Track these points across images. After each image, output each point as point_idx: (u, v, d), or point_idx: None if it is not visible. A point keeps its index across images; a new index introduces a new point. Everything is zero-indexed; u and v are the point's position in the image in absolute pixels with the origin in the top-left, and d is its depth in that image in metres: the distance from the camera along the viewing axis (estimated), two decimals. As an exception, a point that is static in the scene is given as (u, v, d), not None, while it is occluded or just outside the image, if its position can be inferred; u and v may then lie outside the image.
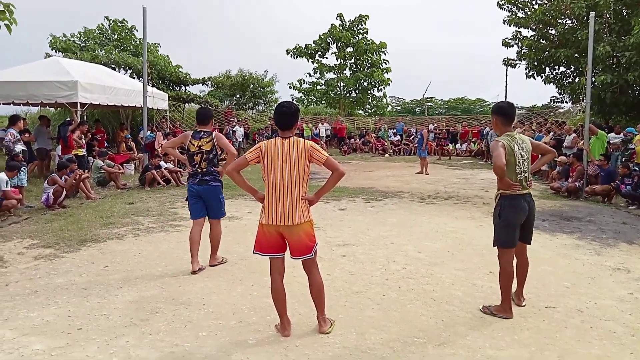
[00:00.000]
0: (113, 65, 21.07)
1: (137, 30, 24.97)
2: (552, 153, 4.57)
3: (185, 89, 25.14)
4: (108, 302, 4.47)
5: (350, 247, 6.40)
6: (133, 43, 24.58)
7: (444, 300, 4.57)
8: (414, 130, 24.86)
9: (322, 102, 30.70)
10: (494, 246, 4.33)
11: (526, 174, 4.19)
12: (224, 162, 5.58)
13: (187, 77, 24.72)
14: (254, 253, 3.85)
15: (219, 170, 5.47)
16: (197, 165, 5.37)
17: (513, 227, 4.17)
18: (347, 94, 29.76)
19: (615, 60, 15.58)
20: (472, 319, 4.15)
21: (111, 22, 24.64)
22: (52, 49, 21.91)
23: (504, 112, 4.21)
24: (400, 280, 5.12)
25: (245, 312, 4.26)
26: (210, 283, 4.99)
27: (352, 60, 29.26)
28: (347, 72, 29.59)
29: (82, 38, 23.58)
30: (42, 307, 4.33)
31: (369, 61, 28.95)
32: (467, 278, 5.21)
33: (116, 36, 24.73)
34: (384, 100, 31.45)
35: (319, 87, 30.04)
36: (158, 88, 19.15)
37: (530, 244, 4.41)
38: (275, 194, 3.68)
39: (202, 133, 5.40)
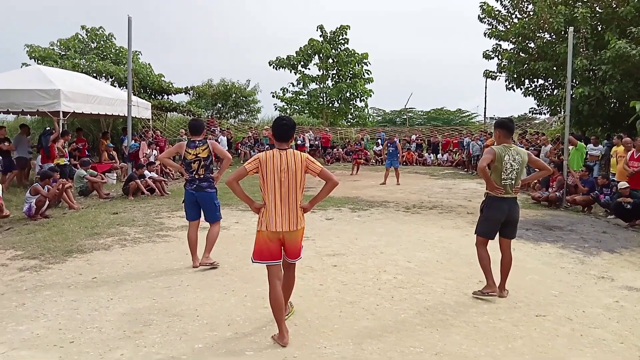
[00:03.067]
0: (94, 74, 20.81)
1: (114, 38, 24.71)
2: (547, 170, 5.25)
3: (168, 98, 24.94)
4: (99, 314, 4.40)
5: (340, 257, 6.43)
6: (113, 51, 24.29)
7: (437, 309, 4.62)
8: (397, 140, 25.13)
9: (305, 112, 30.78)
10: (474, 234, 5.07)
11: (512, 182, 4.81)
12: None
13: (170, 86, 24.53)
14: (253, 262, 3.94)
15: (214, 177, 5.81)
16: (194, 172, 5.70)
17: (491, 222, 4.91)
18: (330, 104, 29.91)
19: (591, 73, 16.01)
20: (465, 327, 4.21)
21: (88, 31, 24.31)
22: (30, 58, 21.52)
23: (505, 126, 4.95)
24: (393, 289, 5.16)
25: (241, 323, 4.24)
26: (202, 294, 4.95)
27: (335, 71, 29.46)
28: (330, 83, 29.76)
29: (61, 47, 23.21)
30: (31, 320, 4.24)
31: (351, 72, 29.18)
32: (457, 287, 5.28)
33: (95, 45, 24.42)
34: (366, 110, 31.69)
35: (301, 97, 30.13)
36: (140, 97, 18.97)
37: (511, 239, 5.03)
38: (275, 202, 3.85)
39: (197, 142, 5.73)
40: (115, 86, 20.73)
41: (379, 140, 25.54)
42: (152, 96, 23.55)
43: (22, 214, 8.62)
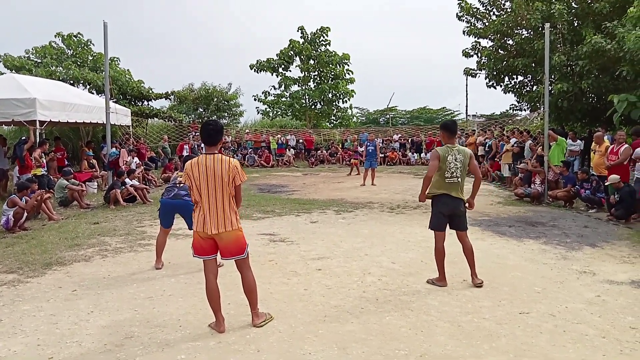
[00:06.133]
0: (71, 82, 20.50)
1: (93, 44, 24.35)
2: (479, 180, 5.46)
3: (148, 104, 24.68)
4: (79, 327, 4.31)
5: (325, 260, 6.40)
6: (90, 58, 23.94)
7: (422, 310, 4.62)
8: (381, 141, 25.12)
9: (288, 114, 30.70)
10: (428, 228, 5.45)
11: (458, 179, 5.16)
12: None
13: (150, 91, 24.27)
14: (194, 256, 4.22)
15: None
16: (175, 179, 5.99)
17: (439, 216, 5.26)
18: (313, 106, 29.88)
19: (569, 69, 16.22)
20: (450, 328, 4.21)
21: (65, 38, 23.91)
22: (5, 67, 21.12)
23: (448, 128, 5.30)
24: (377, 292, 5.14)
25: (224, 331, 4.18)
26: (185, 303, 4.88)
27: (316, 73, 29.44)
28: (312, 84, 29.73)
29: (38, 55, 22.82)
30: (8, 337, 4.13)
31: (333, 73, 29.19)
32: (441, 287, 5.28)
33: (72, 52, 24.02)
34: (349, 111, 31.73)
35: (283, 99, 30.07)
36: (120, 104, 18.74)
37: (464, 230, 5.35)
38: (204, 205, 4.03)
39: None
40: (93, 93, 20.43)
41: (366, 142, 25.54)
42: (132, 102, 23.28)
43: (0, 227, 8.43)
